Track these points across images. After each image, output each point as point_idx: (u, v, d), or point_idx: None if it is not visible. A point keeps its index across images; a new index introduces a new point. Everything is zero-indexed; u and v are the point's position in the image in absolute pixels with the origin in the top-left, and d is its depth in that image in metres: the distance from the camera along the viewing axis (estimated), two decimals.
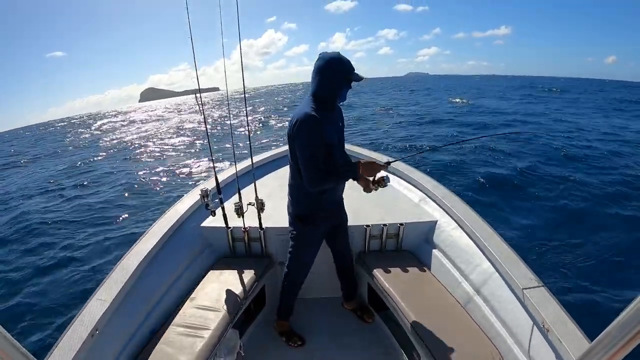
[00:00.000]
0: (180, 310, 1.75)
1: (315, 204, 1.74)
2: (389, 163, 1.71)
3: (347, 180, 1.72)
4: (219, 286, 1.91)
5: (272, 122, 19.48)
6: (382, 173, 1.67)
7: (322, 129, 1.53)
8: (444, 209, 2.26)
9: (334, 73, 1.53)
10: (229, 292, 1.86)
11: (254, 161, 2.45)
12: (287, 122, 1.71)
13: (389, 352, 2.00)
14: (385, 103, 25.32)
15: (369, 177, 1.68)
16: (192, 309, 1.74)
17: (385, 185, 1.68)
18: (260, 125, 18.10)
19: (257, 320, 2.20)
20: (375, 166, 1.64)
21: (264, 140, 12.88)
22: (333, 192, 1.78)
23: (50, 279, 3.94)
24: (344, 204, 1.98)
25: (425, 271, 2.05)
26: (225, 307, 1.75)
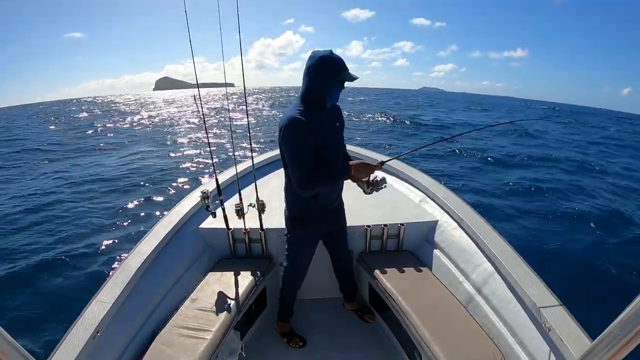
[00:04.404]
0: (182, 312, 1.75)
1: (308, 207, 1.70)
2: (382, 163, 1.64)
3: (338, 183, 1.68)
4: (220, 287, 1.91)
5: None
6: (379, 174, 1.61)
7: (309, 133, 1.46)
8: (444, 209, 2.26)
9: (323, 72, 1.46)
10: (230, 294, 1.86)
11: (254, 162, 2.45)
12: None
13: (390, 352, 2.00)
14: None
15: (362, 179, 1.63)
16: (194, 311, 1.74)
17: (381, 188, 1.64)
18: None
19: (258, 322, 2.20)
20: (367, 167, 1.58)
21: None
22: (327, 195, 1.72)
23: (51, 280, 3.93)
24: (344, 207, 1.95)
25: (426, 271, 2.05)
26: (226, 308, 1.74)
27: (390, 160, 1.90)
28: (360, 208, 2.36)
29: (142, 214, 5.79)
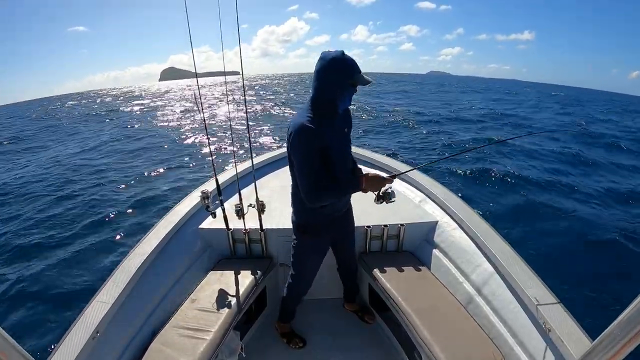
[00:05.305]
0: (182, 312, 1.75)
1: (316, 215, 1.65)
2: (394, 176, 1.59)
3: (348, 195, 1.63)
4: (219, 287, 1.91)
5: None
6: (388, 186, 1.58)
7: (320, 140, 1.40)
8: (444, 210, 2.26)
9: (335, 75, 1.38)
10: (229, 294, 1.86)
11: (254, 162, 2.45)
12: None
13: (390, 353, 2.00)
14: None
15: (373, 191, 1.58)
16: (193, 311, 1.74)
17: (390, 201, 1.60)
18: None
19: (258, 322, 2.20)
20: (380, 181, 1.53)
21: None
22: (334, 204, 1.67)
23: (50, 279, 3.94)
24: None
25: (426, 271, 2.05)
26: (226, 308, 1.75)
27: (405, 172, 1.85)
28: (360, 208, 2.36)
29: (140, 214, 5.79)
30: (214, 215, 1.99)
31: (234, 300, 1.80)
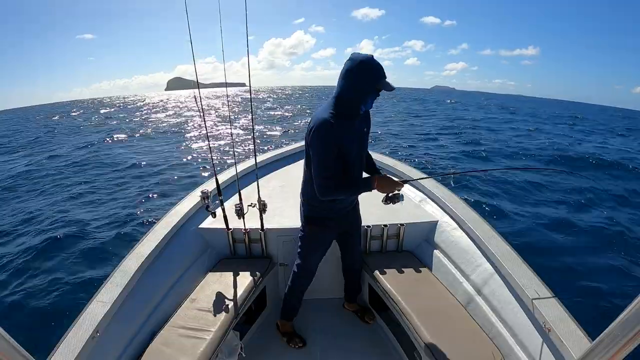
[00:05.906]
0: (181, 312, 1.75)
1: (327, 208, 1.70)
2: (406, 182, 1.62)
3: (360, 194, 1.66)
4: (219, 287, 1.91)
5: None
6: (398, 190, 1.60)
7: (339, 138, 1.45)
8: (444, 210, 2.26)
9: (363, 77, 1.39)
10: (229, 294, 1.86)
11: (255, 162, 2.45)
12: None
13: (390, 353, 2.00)
14: None
15: (383, 193, 1.61)
16: (193, 311, 1.75)
17: (396, 202, 1.62)
18: None
19: (258, 322, 2.20)
20: (391, 184, 1.55)
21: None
22: (343, 199, 1.72)
23: (50, 280, 3.93)
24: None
25: (426, 271, 2.05)
26: (226, 308, 1.75)
27: (415, 180, 1.86)
28: (360, 208, 2.37)
29: (140, 214, 5.79)
30: (214, 215, 1.99)
31: (233, 300, 1.80)
